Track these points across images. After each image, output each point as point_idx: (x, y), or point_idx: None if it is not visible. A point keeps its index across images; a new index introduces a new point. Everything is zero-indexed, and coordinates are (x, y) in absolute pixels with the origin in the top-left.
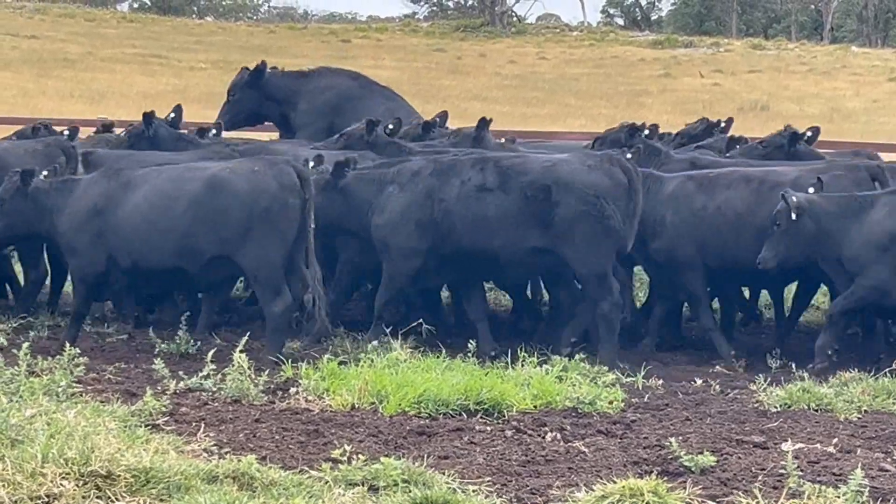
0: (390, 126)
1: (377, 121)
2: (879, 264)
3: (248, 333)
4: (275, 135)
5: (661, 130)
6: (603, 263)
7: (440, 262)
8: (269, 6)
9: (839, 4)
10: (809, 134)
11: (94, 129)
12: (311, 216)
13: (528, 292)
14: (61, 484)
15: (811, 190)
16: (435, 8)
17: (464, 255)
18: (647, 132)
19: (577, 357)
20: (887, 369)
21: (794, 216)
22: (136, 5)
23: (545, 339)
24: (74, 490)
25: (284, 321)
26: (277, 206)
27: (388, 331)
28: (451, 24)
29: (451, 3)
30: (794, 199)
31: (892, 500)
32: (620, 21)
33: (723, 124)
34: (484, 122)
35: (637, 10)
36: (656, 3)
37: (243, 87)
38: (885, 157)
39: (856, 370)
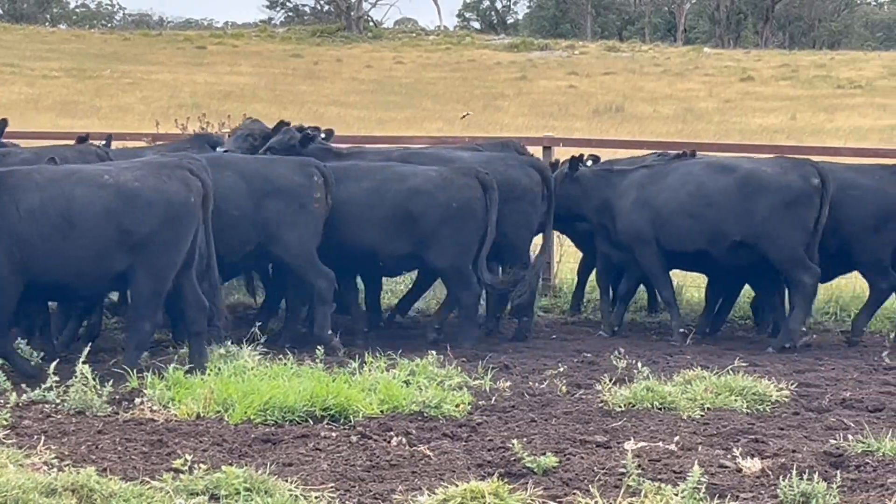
0: None
1: None
2: None
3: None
4: None
5: (517, 134)
6: None
7: None
8: (123, 13)
9: (692, 6)
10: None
11: None
12: None
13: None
14: None
15: None
16: (291, 14)
17: None
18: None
19: (424, 360)
20: (730, 366)
21: None
22: None
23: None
24: None
25: None
26: None
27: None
28: (307, 30)
29: (307, 9)
30: None
31: (729, 496)
32: (477, 25)
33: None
34: None
35: (493, 13)
36: (512, 7)
37: None
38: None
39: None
